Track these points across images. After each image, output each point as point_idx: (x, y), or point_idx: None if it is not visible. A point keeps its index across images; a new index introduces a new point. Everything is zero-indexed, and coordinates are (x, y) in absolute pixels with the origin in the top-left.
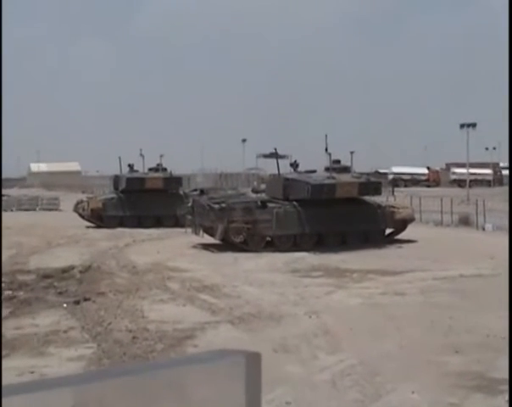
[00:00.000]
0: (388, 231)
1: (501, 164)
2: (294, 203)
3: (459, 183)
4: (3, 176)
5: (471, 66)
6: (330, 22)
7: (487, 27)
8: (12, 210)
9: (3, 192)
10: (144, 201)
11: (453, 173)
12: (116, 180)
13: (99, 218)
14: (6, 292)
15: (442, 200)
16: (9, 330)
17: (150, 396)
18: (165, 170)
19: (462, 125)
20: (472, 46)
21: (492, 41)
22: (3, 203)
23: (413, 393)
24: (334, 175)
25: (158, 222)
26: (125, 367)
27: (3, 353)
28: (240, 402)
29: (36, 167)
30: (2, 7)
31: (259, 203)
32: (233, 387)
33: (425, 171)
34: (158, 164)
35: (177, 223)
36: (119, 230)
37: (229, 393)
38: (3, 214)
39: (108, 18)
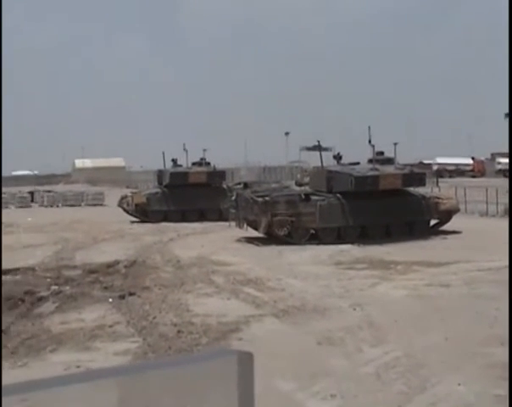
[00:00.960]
0: (433, 222)
1: None
2: (338, 195)
3: (505, 173)
4: (49, 172)
5: None
6: (373, 8)
7: None
8: (58, 206)
9: (49, 188)
10: (188, 195)
11: (499, 163)
12: (160, 174)
13: (143, 213)
14: (52, 288)
15: (487, 190)
16: (56, 325)
17: (145, 395)
18: (209, 164)
19: (507, 115)
20: None
21: None
22: (49, 198)
23: (459, 384)
24: (377, 166)
25: (201, 216)
26: (119, 368)
27: (51, 347)
28: (232, 401)
29: (80, 163)
30: (3, 8)
31: (303, 195)
32: (226, 386)
33: (470, 161)
34: (201, 159)
35: (221, 217)
36: (164, 224)
37: (221, 391)
38: (50, 209)
39: (147, 15)
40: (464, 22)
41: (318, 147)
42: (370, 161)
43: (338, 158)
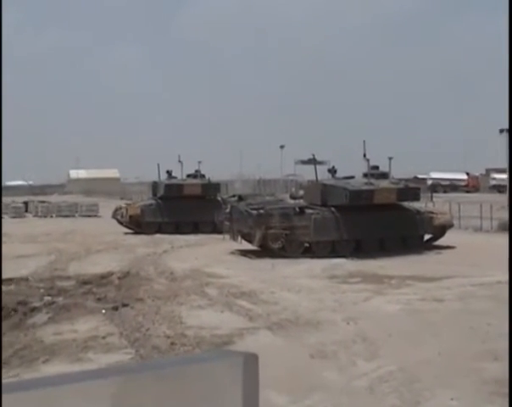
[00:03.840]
0: (427, 236)
1: None
2: (332, 209)
3: (499, 189)
4: (43, 183)
5: None
6: (369, 23)
7: None
8: (52, 216)
9: (43, 198)
10: (182, 207)
11: (493, 178)
12: (155, 186)
13: (138, 224)
14: (45, 298)
15: (481, 206)
16: (49, 335)
17: (150, 394)
18: (203, 176)
19: (501, 131)
20: None
21: None
22: (43, 209)
23: (452, 399)
24: (372, 181)
25: (196, 228)
26: (124, 366)
27: (43, 358)
28: (237, 402)
29: (75, 174)
30: (3, 8)
31: (297, 209)
32: (230, 387)
33: (465, 177)
34: (196, 171)
35: (215, 229)
36: (158, 236)
37: (226, 393)
38: (44, 220)
39: (144, 26)
40: (461, 37)
41: (313, 161)
42: (365, 175)
43: (333, 171)
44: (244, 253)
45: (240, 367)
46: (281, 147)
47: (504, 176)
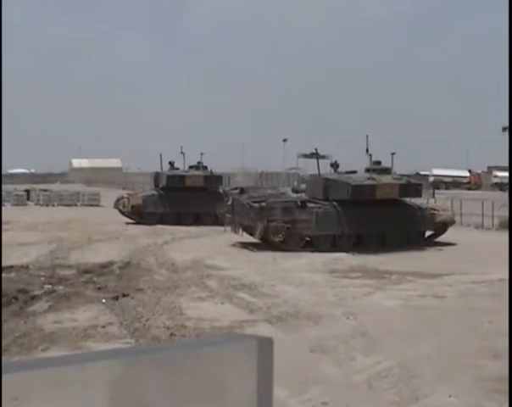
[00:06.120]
0: (428, 233)
1: None
2: (334, 203)
3: (501, 186)
4: (45, 171)
5: None
6: (374, 18)
7: None
8: (53, 205)
9: (45, 186)
10: (184, 199)
11: (495, 176)
12: (157, 177)
13: (139, 214)
14: (46, 286)
15: (483, 203)
16: (48, 323)
17: (156, 378)
18: (206, 168)
19: (504, 129)
20: None
21: None
22: (45, 197)
23: (450, 396)
24: (374, 176)
25: (197, 220)
26: (138, 348)
27: (43, 346)
28: (251, 387)
29: (77, 163)
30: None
31: (299, 202)
32: (244, 371)
33: (467, 174)
34: (198, 162)
35: (216, 221)
36: (159, 227)
37: (240, 377)
38: (46, 208)
39: (148, 17)
40: (464, 35)
41: (315, 155)
42: (368, 170)
43: (335, 166)
44: (245, 245)
45: (254, 351)
46: (284, 140)
47: (506, 174)
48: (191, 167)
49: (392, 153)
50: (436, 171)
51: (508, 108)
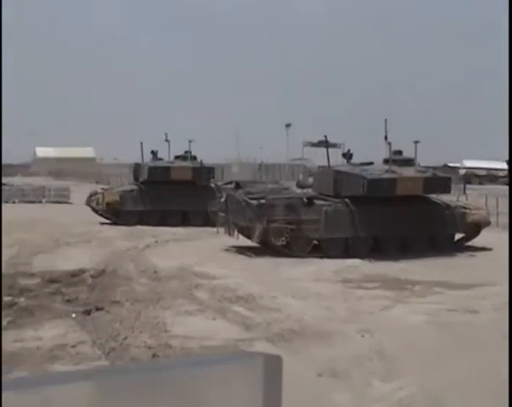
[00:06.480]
0: (458, 236)
1: None
2: (346, 200)
3: None
4: (4, 162)
5: None
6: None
7: None
8: (14, 202)
9: (4, 180)
10: (169, 194)
11: None
12: (137, 169)
13: (116, 213)
14: (6, 299)
15: None
16: (9, 343)
17: (163, 395)
18: (195, 158)
19: None
20: None
21: None
22: (4, 192)
23: None
24: (394, 168)
25: (184, 220)
26: (139, 365)
27: (2, 369)
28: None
29: (42, 152)
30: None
31: (305, 199)
32: (250, 392)
33: (505, 166)
34: (186, 152)
35: (207, 221)
36: (139, 228)
37: (245, 398)
38: (5, 206)
39: None
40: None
41: (324, 143)
42: (386, 161)
43: (348, 156)
44: (241, 250)
45: (261, 370)
46: (287, 125)
47: None
48: (177, 157)
49: (416, 142)
50: (468, 163)
51: (508, 107)
